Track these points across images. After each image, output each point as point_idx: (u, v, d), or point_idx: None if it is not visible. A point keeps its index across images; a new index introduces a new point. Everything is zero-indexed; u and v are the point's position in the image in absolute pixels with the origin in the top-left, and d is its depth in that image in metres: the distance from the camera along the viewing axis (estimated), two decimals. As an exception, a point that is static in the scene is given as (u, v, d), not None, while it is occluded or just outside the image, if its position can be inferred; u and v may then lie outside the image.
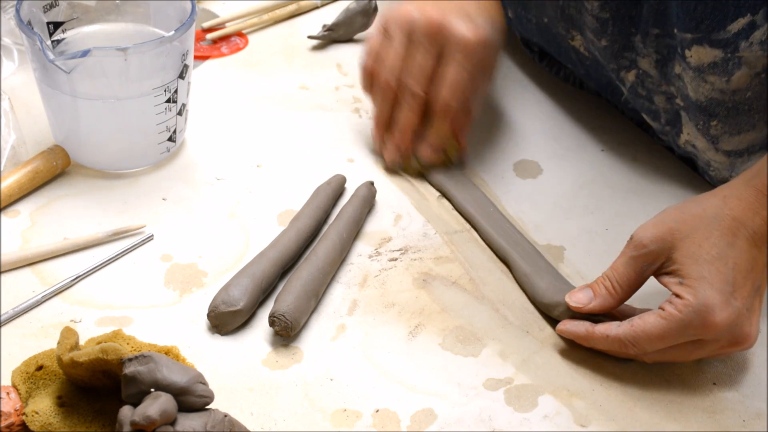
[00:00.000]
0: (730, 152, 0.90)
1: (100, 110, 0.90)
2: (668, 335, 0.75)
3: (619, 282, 0.78)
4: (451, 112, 0.93)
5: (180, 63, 0.90)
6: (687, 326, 0.74)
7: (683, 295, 0.75)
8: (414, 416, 0.75)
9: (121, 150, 0.93)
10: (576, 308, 0.79)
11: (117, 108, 0.90)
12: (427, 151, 0.95)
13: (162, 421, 0.64)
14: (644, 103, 0.95)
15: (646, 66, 0.92)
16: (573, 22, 0.97)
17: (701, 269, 0.75)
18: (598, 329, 0.78)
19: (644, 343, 0.76)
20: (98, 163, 0.94)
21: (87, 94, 0.89)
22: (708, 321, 0.74)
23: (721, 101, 0.87)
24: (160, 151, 0.94)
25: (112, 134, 0.92)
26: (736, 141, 0.89)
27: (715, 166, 0.92)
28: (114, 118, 0.90)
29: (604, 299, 0.79)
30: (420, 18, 0.92)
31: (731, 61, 0.84)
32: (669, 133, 0.95)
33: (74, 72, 0.86)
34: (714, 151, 0.91)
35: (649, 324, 0.76)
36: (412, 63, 0.92)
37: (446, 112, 0.93)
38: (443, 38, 0.91)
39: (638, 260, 0.78)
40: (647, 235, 0.77)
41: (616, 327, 0.77)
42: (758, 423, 0.76)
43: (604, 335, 0.78)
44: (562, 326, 0.80)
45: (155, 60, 0.88)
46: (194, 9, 0.91)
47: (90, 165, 0.94)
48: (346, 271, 0.87)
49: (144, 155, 0.94)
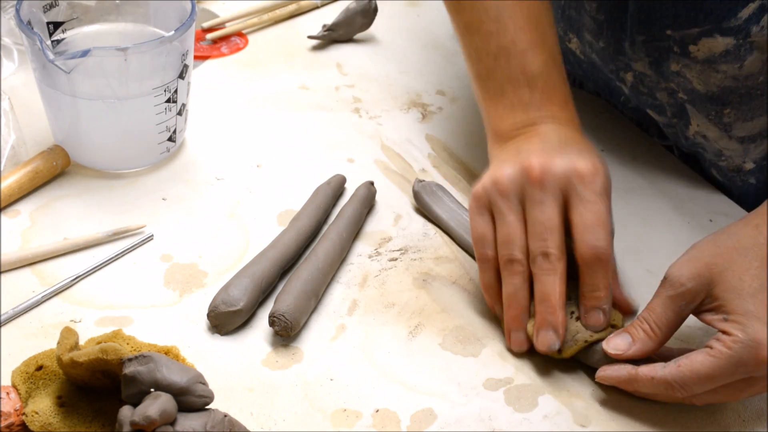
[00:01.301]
0: (743, 138, 0.91)
1: (100, 110, 0.90)
2: (719, 374, 0.71)
3: (658, 324, 0.74)
4: (607, 258, 0.77)
5: (180, 63, 0.90)
6: (738, 363, 0.71)
7: (731, 332, 0.71)
8: (414, 416, 0.75)
9: (121, 150, 0.93)
10: (616, 355, 0.75)
11: (117, 108, 0.90)
12: (598, 317, 0.78)
13: (162, 421, 0.64)
14: (647, 100, 0.95)
15: (641, 68, 0.92)
16: (571, 24, 0.97)
17: (746, 303, 0.71)
18: (642, 372, 0.74)
19: (693, 383, 0.72)
20: (98, 163, 0.94)
21: (87, 94, 0.89)
22: (760, 356, 0.70)
23: (734, 88, 0.88)
24: (160, 151, 0.94)
25: (112, 134, 0.92)
26: (749, 126, 0.90)
27: (727, 154, 0.92)
28: (114, 118, 0.90)
29: (644, 343, 0.74)
30: (521, 173, 0.78)
31: (743, 47, 0.85)
32: (677, 125, 0.95)
33: (74, 72, 0.86)
34: (727, 138, 0.91)
35: (697, 363, 0.71)
36: (534, 225, 0.77)
37: (602, 260, 0.76)
38: (562, 182, 0.77)
39: (677, 300, 0.74)
40: (684, 272, 0.73)
41: (661, 368, 0.73)
42: (758, 423, 0.76)
43: (648, 377, 0.73)
44: (602, 372, 0.75)
45: (155, 60, 0.88)
46: (194, 9, 0.91)
47: (90, 165, 0.94)
48: (346, 271, 0.87)
49: (144, 155, 0.94)
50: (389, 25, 1.18)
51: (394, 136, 1.02)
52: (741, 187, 0.95)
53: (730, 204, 0.95)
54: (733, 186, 0.96)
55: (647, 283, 0.86)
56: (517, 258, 0.78)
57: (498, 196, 0.79)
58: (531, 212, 0.77)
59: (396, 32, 1.17)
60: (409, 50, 1.15)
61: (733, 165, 0.93)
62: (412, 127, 1.03)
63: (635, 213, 0.93)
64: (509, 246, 0.78)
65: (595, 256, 0.76)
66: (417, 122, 1.04)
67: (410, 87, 1.09)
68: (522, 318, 0.79)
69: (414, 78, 1.10)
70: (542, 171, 0.77)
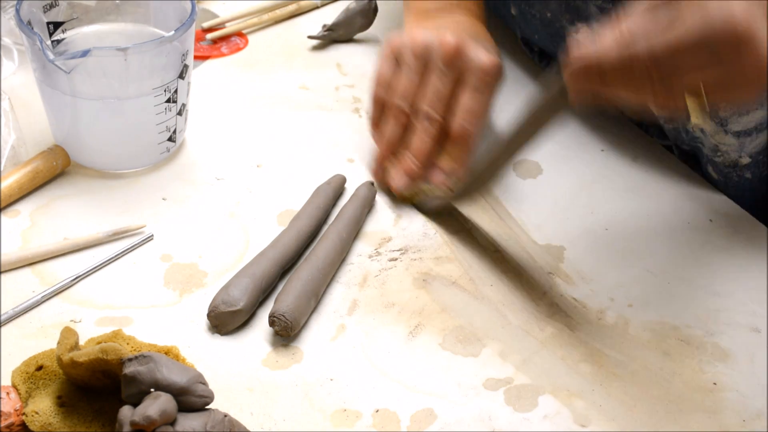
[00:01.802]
0: (739, 133, 0.91)
1: (100, 110, 0.90)
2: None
3: (630, 28, 0.71)
4: (469, 138, 0.91)
5: (180, 63, 0.90)
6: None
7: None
8: (414, 416, 0.75)
9: (121, 150, 0.93)
10: (578, 56, 0.73)
11: (117, 108, 0.90)
12: (440, 177, 0.92)
13: (162, 421, 0.64)
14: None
15: None
16: (579, 14, 0.97)
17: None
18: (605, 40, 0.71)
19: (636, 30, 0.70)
20: (98, 163, 0.94)
21: (87, 94, 0.89)
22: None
23: None
24: (160, 151, 0.94)
25: (112, 134, 0.92)
26: (744, 121, 0.90)
27: (723, 149, 0.93)
28: (114, 118, 0.90)
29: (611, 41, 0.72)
30: (437, 43, 0.91)
31: None
32: (679, 118, 0.95)
33: (74, 72, 0.86)
34: (723, 133, 0.91)
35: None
36: (428, 88, 0.91)
37: (464, 138, 0.91)
38: (462, 63, 0.90)
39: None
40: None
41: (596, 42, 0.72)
42: (758, 423, 0.76)
43: (611, 38, 0.71)
44: (573, 65, 0.74)
45: (155, 60, 0.88)
46: (194, 9, 0.91)
47: (90, 165, 0.94)
48: (346, 271, 0.87)
49: (144, 155, 0.94)
50: (389, 25, 1.18)
51: (394, 136, 1.02)
52: (738, 183, 0.95)
53: (730, 204, 0.95)
54: (729, 182, 0.96)
55: (647, 283, 0.86)
56: (405, 110, 0.92)
57: (410, 52, 0.92)
58: (431, 78, 0.90)
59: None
60: (409, 50, 1.14)
61: (729, 160, 0.93)
62: (412, 127, 1.03)
63: (635, 213, 0.93)
64: (404, 98, 0.91)
65: (460, 134, 0.90)
66: (417, 122, 1.04)
67: (410, 87, 1.09)
68: (387, 156, 0.93)
69: (414, 78, 1.10)
70: (455, 50, 0.90)
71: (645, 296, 0.85)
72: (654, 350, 0.81)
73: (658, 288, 0.86)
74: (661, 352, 0.81)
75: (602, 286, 0.86)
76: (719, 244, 0.90)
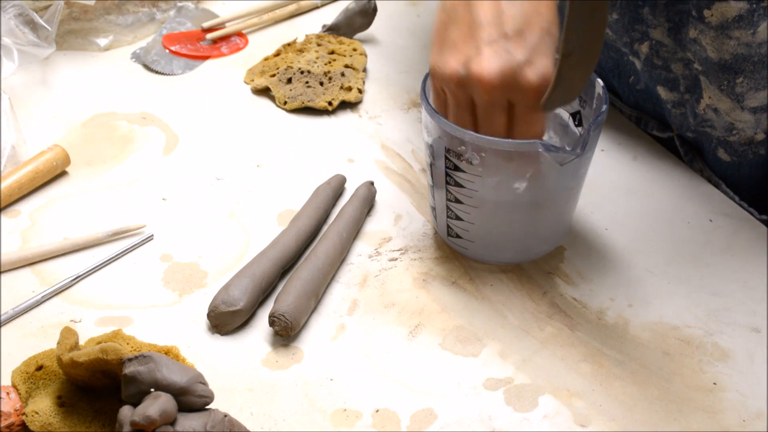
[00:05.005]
0: (755, 109, 0.91)
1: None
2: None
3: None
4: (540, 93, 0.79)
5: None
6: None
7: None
8: (414, 416, 0.75)
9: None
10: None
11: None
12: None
13: (162, 421, 0.64)
14: (661, 74, 0.95)
15: (659, 36, 0.92)
16: None
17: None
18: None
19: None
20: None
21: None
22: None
23: (747, 56, 0.88)
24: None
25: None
26: (761, 96, 0.90)
27: (739, 126, 0.92)
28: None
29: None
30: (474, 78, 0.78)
31: (756, 12, 0.85)
32: (688, 101, 0.95)
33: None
34: (740, 110, 0.91)
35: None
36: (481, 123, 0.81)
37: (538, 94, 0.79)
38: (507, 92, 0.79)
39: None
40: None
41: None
42: (758, 423, 0.76)
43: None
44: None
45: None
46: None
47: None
48: (346, 271, 0.87)
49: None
50: (389, 25, 1.18)
51: (394, 136, 1.02)
52: (752, 160, 0.95)
53: (731, 204, 0.95)
54: (744, 161, 0.95)
55: (647, 283, 0.86)
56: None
57: (450, 92, 0.80)
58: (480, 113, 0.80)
59: (396, 32, 1.17)
60: (409, 50, 1.15)
61: (745, 137, 0.93)
62: (412, 127, 1.03)
63: (635, 213, 0.93)
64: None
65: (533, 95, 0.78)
66: (417, 122, 1.04)
67: (410, 87, 1.09)
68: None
69: (414, 78, 1.10)
70: (491, 86, 0.78)
71: (645, 296, 0.85)
72: (654, 350, 0.81)
73: (658, 288, 0.86)
74: (661, 352, 0.81)
75: (602, 286, 0.86)
76: (719, 244, 0.90)
